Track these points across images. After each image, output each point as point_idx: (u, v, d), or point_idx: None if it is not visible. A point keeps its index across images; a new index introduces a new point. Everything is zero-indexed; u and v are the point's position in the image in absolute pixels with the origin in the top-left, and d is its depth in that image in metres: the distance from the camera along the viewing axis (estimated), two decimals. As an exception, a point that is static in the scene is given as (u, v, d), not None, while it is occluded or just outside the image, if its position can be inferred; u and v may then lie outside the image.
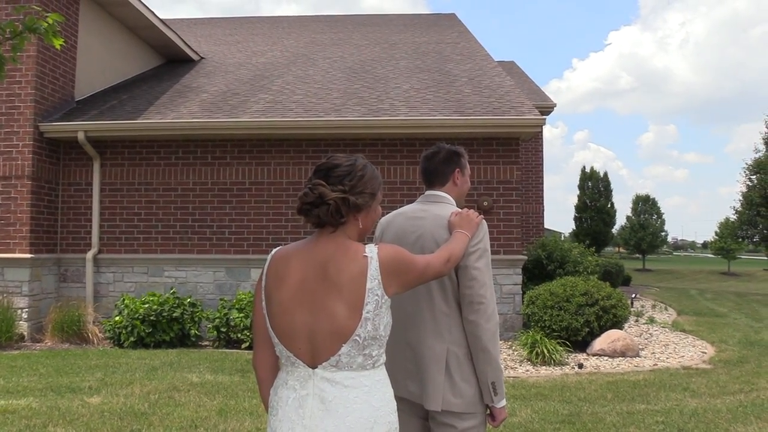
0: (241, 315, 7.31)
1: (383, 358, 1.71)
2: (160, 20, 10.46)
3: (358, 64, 11.41)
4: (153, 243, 8.53)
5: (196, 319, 7.68)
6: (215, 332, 7.46)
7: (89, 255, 8.38)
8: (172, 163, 8.61)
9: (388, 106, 8.69)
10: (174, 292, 7.83)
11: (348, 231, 1.72)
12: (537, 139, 14.92)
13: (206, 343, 7.77)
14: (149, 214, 8.56)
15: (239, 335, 7.33)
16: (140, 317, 7.33)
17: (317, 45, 13.27)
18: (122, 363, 6.42)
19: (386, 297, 1.66)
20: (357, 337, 1.61)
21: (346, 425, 1.59)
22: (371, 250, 1.67)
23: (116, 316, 7.54)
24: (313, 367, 1.64)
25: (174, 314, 7.42)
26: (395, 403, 1.72)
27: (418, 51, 12.30)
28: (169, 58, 11.84)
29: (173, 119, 8.38)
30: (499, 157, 8.32)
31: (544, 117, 8.18)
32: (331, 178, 1.69)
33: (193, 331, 7.57)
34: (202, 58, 12.18)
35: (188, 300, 7.74)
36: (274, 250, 1.77)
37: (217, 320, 7.46)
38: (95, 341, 7.69)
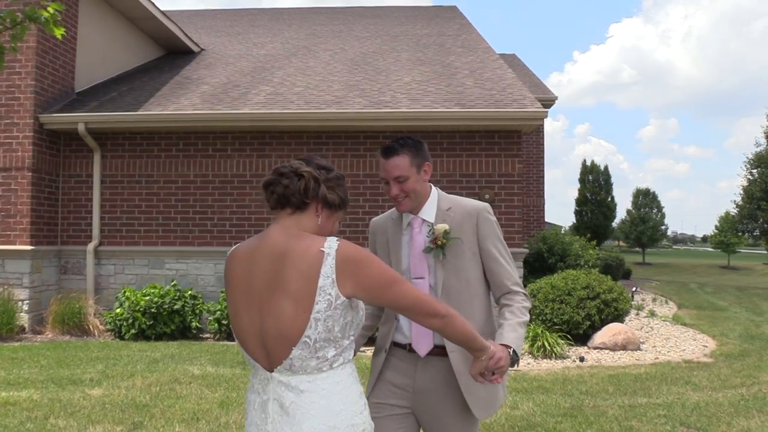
0: (242, 307, 7.30)
1: (343, 358, 1.58)
2: (161, 11, 10.40)
3: (360, 56, 11.36)
4: (154, 235, 8.51)
5: (197, 311, 7.68)
6: (216, 324, 7.46)
7: (90, 247, 8.36)
8: (172, 155, 8.58)
9: (389, 98, 8.65)
10: (175, 285, 7.82)
11: (304, 220, 1.62)
12: (538, 132, 14.89)
13: (207, 335, 7.77)
14: (150, 206, 8.54)
15: (240, 328, 7.32)
16: (141, 309, 7.33)
17: (318, 37, 13.20)
18: (123, 355, 6.42)
19: (342, 297, 1.53)
20: (307, 339, 1.51)
21: (303, 431, 1.51)
22: (330, 246, 1.54)
23: (117, 308, 7.54)
24: (270, 370, 1.57)
25: (175, 306, 7.42)
26: (363, 403, 1.62)
27: (420, 43, 12.24)
28: (170, 50, 11.78)
29: (174, 111, 8.35)
30: (500, 150, 8.28)
31: (545, 110, 8.14)
32: (312, 164, 1.66)
33: (194, 324, 7.56)
34: (202, 49, 12.12)
35: (189, 292, 7.74)
36: (231, 249, 1.72)
37: (218, 312, 7.46)
38: (96, 333, 7.69)
